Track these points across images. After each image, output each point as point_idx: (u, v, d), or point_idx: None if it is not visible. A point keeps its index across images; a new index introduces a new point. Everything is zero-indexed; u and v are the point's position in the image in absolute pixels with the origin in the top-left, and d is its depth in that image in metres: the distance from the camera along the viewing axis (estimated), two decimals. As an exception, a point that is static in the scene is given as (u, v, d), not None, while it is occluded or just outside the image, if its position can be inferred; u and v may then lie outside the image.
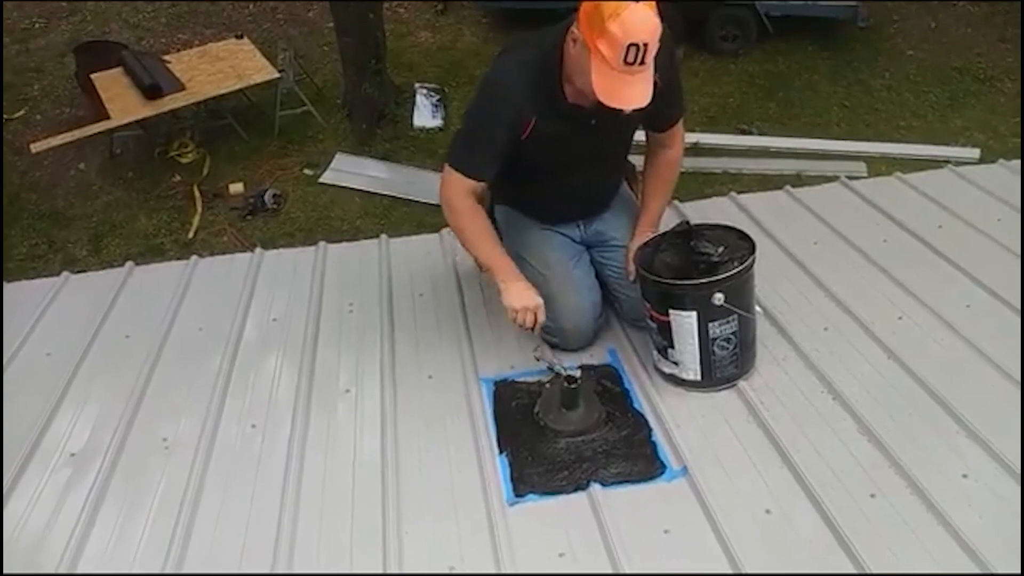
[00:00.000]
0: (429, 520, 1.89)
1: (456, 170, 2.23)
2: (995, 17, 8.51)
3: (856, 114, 7.44)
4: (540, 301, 2.22)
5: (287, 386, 2.34)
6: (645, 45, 1.92)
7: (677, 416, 2.14)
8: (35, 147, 6.59)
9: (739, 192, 3.21)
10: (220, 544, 1.87)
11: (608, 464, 2.01)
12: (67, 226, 6.43)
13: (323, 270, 2.85)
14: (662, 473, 1.99)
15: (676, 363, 2.20)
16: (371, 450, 2.09)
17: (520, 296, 2.22)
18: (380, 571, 1.77)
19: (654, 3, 1.94)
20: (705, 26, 8.02)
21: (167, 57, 7.39)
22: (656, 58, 2.01)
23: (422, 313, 2.60)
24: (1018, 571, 1.67)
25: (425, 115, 7.38)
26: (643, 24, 1.91)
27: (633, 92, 1.99)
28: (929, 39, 8.42)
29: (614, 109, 2.00)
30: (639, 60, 1.93)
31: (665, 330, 2.17)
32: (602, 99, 1.98)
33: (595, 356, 2.39)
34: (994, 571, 1.67)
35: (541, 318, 2.22)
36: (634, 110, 2.02)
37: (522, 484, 1.97)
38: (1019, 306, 2.40)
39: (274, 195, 6.47)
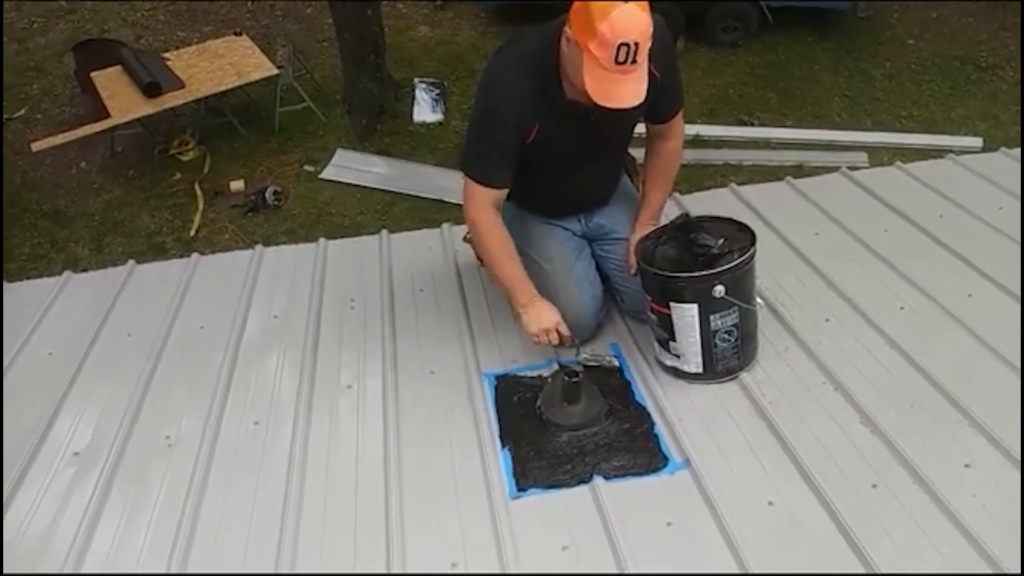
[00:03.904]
0: (432, 515, 1.90)
1: (475, 181, 2.23)
2: (996, 6, 8.48)
3: (857, 104, 7.42)
4: (558, 317, 2.21)
5: (289, 383, 2.34)
6: (636, 44, 1.91)
7: (679, 409, 2.14)
8: (36, 146, 6.59)
9: (740, 184, 3.21)
10: (224, 541, 1.87)
11: (610, 457, 2.01)
12: (69, 225, 6.43)
13: (324, 266, 2.85)
14: (664, 466, 1.99)
15: (678, 356, 2.20)
16: (373, 445, 2.10)
17: (538, 319, 2.20)
18: (384, 565, 1.78)
19: (645, 2, 1.93)
20: (705, 18, 8.00)
21: (166, 55, 7.38)
22: (654, 51, 2.00)
23: (423, 308, 2.60)
24: (1021, 567, 1.66)
25: (425, 110, 7.37)
26: (633, 23, 1.90)
27: (625, 91, 1.98)
28: (930, 28, 8.39)
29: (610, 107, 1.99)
30: (631, 59, 1.92)
31: (666, 323, 2.17)
32: (595, 99, 1.97)
33: (597, 350, 2.38)
34: (997, 560, 1.67)
35: (564, 332, 2.20)
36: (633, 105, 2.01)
37: (524, 478, 1.97)
38: (1021, 295, 2.39)
39: (275, 192, 6.47)
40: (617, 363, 2.29)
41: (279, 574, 1.78)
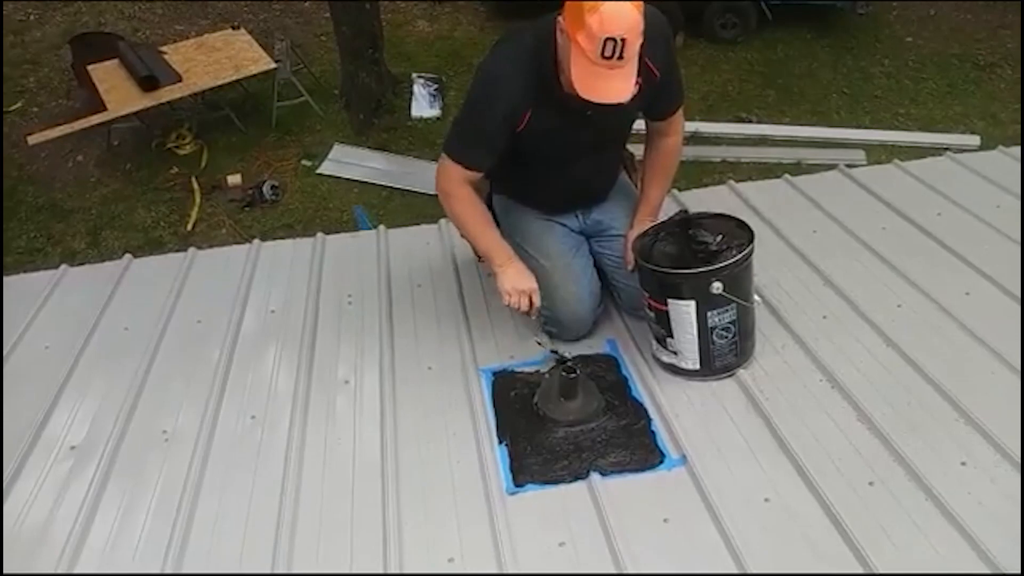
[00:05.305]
0: (429, 510, 1.90)
1: (453, 160, 2.24)
2: (995, 4, 8.48)
3: (855, 102, 7.43)
4: (535, 284, 2.25)
5: (286, 378, 2.33)
6: (623, 40, 1.90)
7: (676, 405, 2.14)
8: (32, 139, 6.59)
9: (738, 180, 3.21)
10: (221, 535, 1.87)
11: (607, 453, 2.01)
12: (65, 219, 6.42)
13: (321, 261, 2.84)
14: (661, 462, 1.99)
15: (675, 352, 2.20)
16: (370, 441, 2.09)
17: (514, 279, 2.24)
18: (380, 559, 1.78)
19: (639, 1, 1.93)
20: (704, 14, 8.00)
21: (164, 48, 7.37)
22: (653, 48, 2.00)
23: (421, 304, 2.60)
24: (1019, 565, 1.67)
25: (423, 105, 7.37)
26: (621, 19, 1.89)
27: (611, 87, 1.97)
28: (928, 26, 8.40)
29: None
30: (617, 55, 1.91)
31: (664, 319, 2.17)
32: (579, 91, 1.97)
33: (594, 346, 2.38)
34: (993, 556, 1.67)
35: (536, 301, 2.24)
36: (630, 100, 2.01)
37: (521, 474, 1.97)
38: (1018, 293, 2.40)
39: (272, 186, 6.46)
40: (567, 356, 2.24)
41: (276, 574, 1.77)
